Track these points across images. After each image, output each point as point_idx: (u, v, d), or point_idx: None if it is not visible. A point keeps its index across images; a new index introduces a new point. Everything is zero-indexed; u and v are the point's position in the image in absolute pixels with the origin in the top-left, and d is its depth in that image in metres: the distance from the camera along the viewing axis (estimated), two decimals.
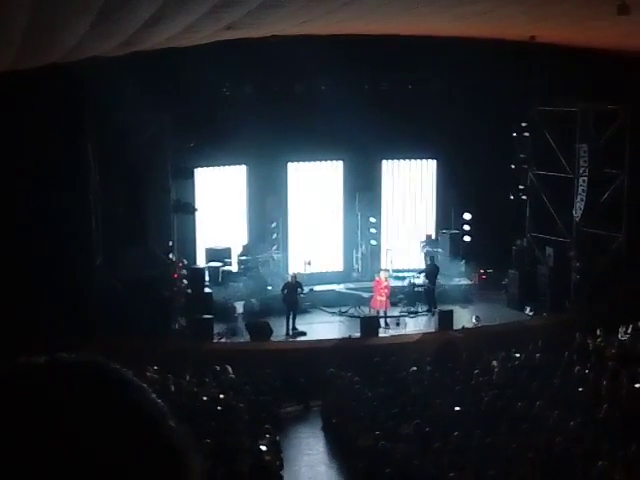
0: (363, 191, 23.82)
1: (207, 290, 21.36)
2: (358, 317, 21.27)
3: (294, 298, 20.99)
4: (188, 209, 21.49)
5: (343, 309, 22.22)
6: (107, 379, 1.05)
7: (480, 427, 13.99)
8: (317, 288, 22.69)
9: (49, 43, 11.58)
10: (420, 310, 22.20)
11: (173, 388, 16.25)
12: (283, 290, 21.17)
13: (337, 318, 22.06)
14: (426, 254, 23.66)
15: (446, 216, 24.69)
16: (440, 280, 22.67)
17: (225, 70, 20.14)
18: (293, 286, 21.12)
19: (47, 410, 0.99)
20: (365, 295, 22.40)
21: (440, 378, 17.12)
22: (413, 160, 24.73)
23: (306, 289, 21.63)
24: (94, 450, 0.97)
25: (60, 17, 9.40)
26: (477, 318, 21.44)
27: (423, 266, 23.37)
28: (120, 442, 0.99)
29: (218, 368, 17.73)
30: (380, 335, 20.51)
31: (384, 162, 24.49)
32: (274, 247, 23.22)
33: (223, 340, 20.34)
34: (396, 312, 21.93)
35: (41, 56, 13.22)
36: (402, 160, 24.64)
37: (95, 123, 19.42)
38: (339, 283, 23.55)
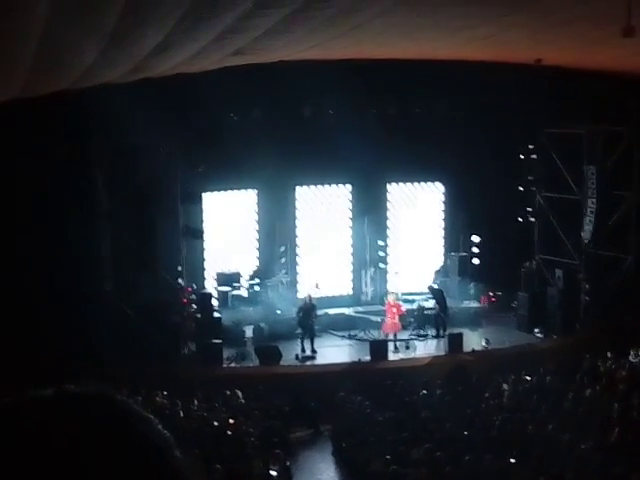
0: (371, 214, 23.84)
1: (216, 315, 21.35)
2: (367, 340, 21.23)
3: (310, 320, 20.96)
4: (196, 234, 21.55)
5: (352, 333, 22.17)
6: (114, 411, 1.06)
7: (491, 451, 13.91)
8: (326, 311, 22.67)
9: (58, 70, 11.67)
10: (429, 333, 22.16)
11: (182, 413, 16.21)
12: (299, 313, 21.14)
13: (346, 342, 22.02)
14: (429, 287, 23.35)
15: (454, 239, 24.69)
16: (449, 303, 22.61)
17: (233, 95, 20.23)
18: (309, 308, 21.09)
19: (54, 443, 0.99)
20: (374, 318, 22.38)
21: (450, 402, 17.04)
22: (421, 183, 24.77)
23: (319, 312, 21.63)
24: None
25: (69, 44, 9.48)
26: (487, 341, 21.38)
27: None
28: (127, 474, 1.00)
29: (228, 393, 17.70)
30: (390, 359, 20.45)
31: (392, 185, 24.52)
32: (283, 271, 23.23)
33: (232, 365, 20.31)
34: (405, 335, 21.88)
35: (50, 83, 13.32)
36: (410, 183, 24.68)
37: (104, 149, 19.52)
38: (348, 306, 23.52)
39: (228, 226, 23.27)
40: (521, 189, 23.89)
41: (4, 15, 7.49)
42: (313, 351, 20.89)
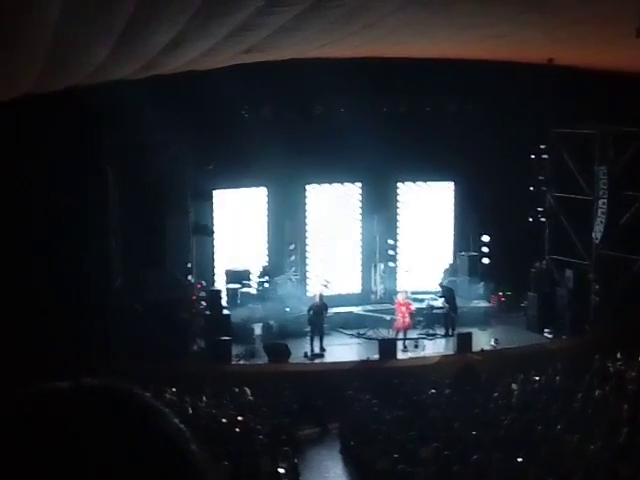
0: (381, 213, 23.82)
1: (225, 312, 21.37)
2: (376, 339, 21.21)
3: (320, 319, 20.94)
4: (206, 231, 21.57)
5: (361, 331, 22.16)
6: (131, 405, 1.06)
7: (499, 451, 13.88)
8: (335, 310, 22.67)
9: (70, 66, 11.69)
10: (438, 333, 22.14)
11: (191, 410, 16.23)
12: (309, 311, 21.13)
13: (355, 340, 22.00)
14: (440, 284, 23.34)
15: (464, 238, 24.65)
16: (459, 302, 22.58)
17: (244, 92, 20.24)
18: (319, 307, 21.08)
19: (71, 436, 1.00)
20: (383, 317, 22.35)
21: (459, 401, 17.02)
22: (432, 182, 24.73)
23: (329, 310, 21.64)
24: (120, 476, 0.99)
25: (81, 40, 9.50)
26: (496, 341, 21.34)
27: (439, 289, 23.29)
28: (144, 467, 1.00)
29: (236, 390, 17.71)
30: (398, 357, 20.44)
31: (402, 184, 24.49)
32: (292, 269, 23.24)
33: (241, 362, 20.32)
34: (415, 334, 21.86)
35: (62, 79, 13.36)
36: (420, 182, 24.64)
37: (115, 145, 19.54)
38: (357, 305, 23.50)
39: (238, 223, 23.28)
40: (532, 189, 23.81)
41: (17, 14, 7.51)
42: (322, 349, 20.89)
